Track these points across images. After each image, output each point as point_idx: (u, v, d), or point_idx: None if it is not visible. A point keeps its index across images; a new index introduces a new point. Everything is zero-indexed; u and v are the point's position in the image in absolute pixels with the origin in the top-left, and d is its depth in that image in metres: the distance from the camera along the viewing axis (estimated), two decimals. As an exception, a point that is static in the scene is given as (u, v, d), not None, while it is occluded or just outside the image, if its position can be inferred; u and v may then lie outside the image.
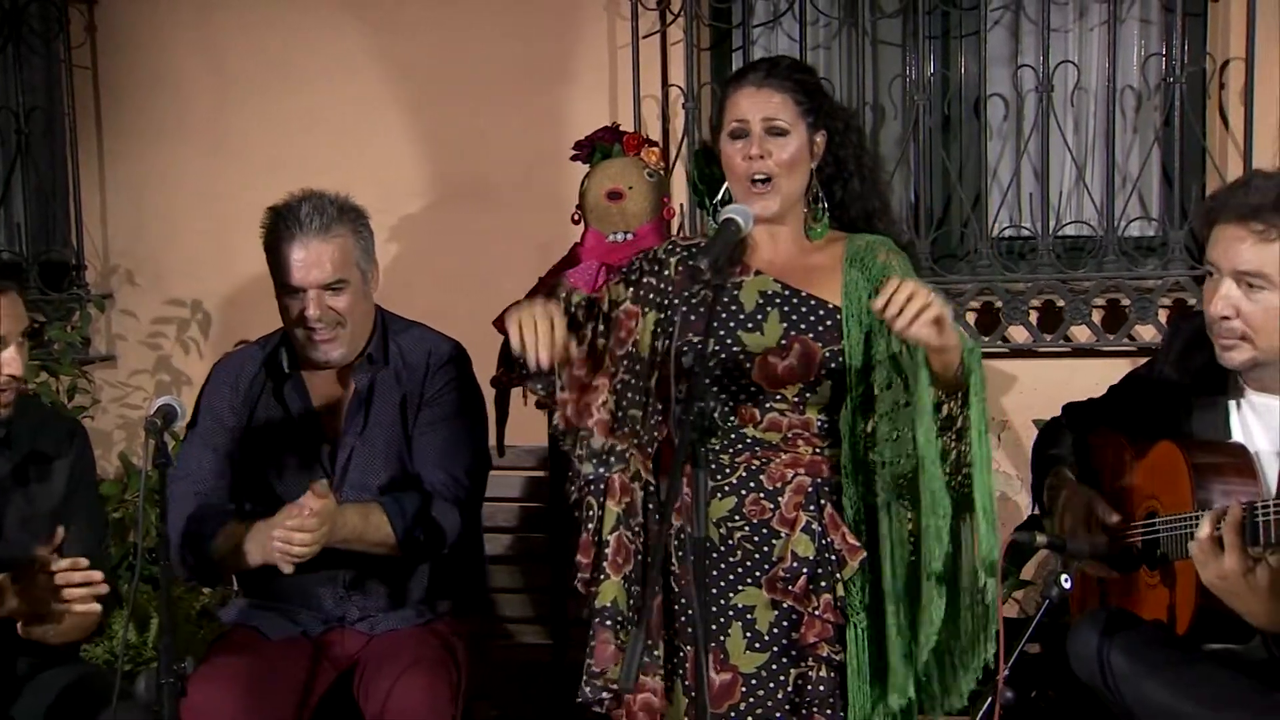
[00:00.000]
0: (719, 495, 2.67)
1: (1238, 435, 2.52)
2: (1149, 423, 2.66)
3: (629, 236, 3.53)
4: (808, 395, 2.64)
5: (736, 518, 2.66)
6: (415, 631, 2.92)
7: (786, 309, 2.66)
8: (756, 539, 2.66)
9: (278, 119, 4.53)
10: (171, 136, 4.65)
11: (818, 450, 2.67)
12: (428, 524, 2.87)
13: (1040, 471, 2.82)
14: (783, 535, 2.65)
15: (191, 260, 4.66)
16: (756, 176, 2.64)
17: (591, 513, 2.73)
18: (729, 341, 2.67)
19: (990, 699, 2.40)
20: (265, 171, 4.30)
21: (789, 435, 2.66)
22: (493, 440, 3.40)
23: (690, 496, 2.27)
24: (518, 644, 3.80)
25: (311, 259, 2.87)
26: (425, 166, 4.46)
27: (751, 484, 2.66)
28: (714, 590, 2.68)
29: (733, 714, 2.65)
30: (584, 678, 2.70)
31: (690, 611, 2.66)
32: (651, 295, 2.75)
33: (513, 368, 3.58)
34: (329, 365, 2.96)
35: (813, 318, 2.66)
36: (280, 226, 2.90)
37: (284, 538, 2.69)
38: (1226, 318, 2.42)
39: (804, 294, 2.67)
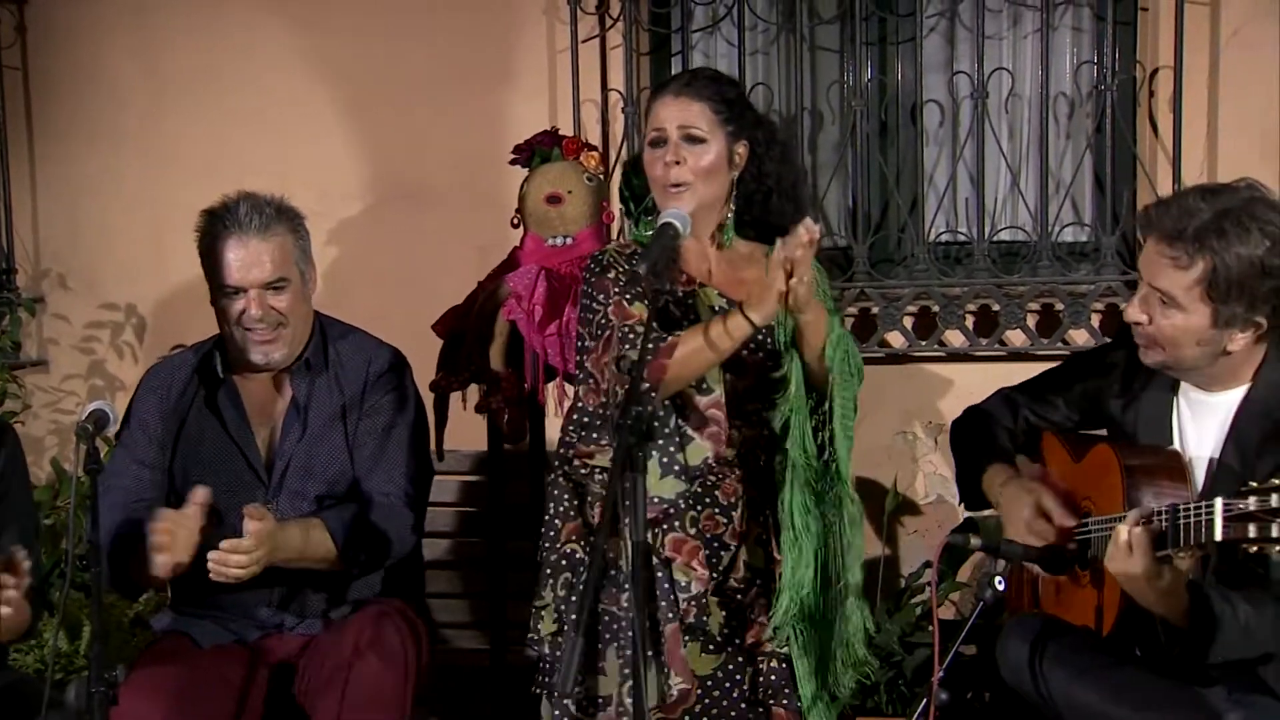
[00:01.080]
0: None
1: (1178, 430, 2.56)
2: (1094, 409, 2.69)
3: (568, 241, 3.53)
4: (766, 412, 2.70)
5: (692, 531, 2.70)
6: (359, 622, 2.83)
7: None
8: (706, 552, 2.71)
9: (213, 121, 4.48)
10: (105, 138, 4.59)
11: (765, 461, 2.74)
12: (371, 537, 2.84)
13: (978, 456, 2.82)
14: (732, 548, 2.71)
15: (125, 264, 4.60)
16: (672, 183, 2.68)
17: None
18: None
19: (925, 700, 2.42)
20: (200, 174, 4.26)
21: (742, 451, 2.72)
22: (432, 445, 3.39)
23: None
24: (456, 649, 3.78)
25: (251, 258, 2.84)
26: (363, 169, 4.43)
27: (706, 499, 2.71)
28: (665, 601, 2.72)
29: (687, 717, 2.70)
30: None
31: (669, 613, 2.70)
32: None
33: (454, 371, 3.59)
34: (269, 367, 2.92)
35: (758, 335, 2.69)
36: (218, 227, 2.86)
37: (219, 559, 2.63)
38: (1139, 323, 2.49)
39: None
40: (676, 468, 2.67)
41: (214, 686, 2.76)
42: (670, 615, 2.67)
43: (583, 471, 2.78)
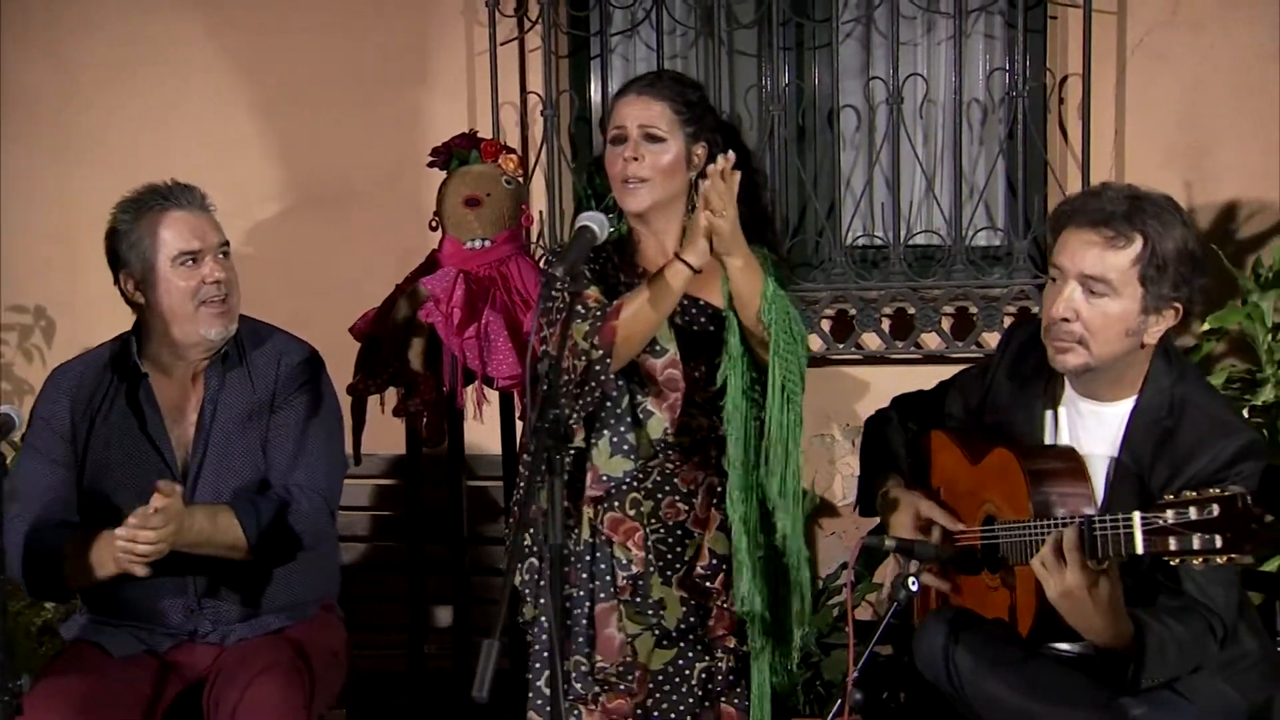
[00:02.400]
0: None
1: (1064, 441, 2.57)
2: (978, 423, 2.72)
3: (487, 244, 3.52)
4: (718, 402, 2.75)
5: (652, 520, 2.75)
6: (269, 639, 2.86)
7: (687, 318, 2.76)
8: (670, 540, 2.76)
9: (127, 121, 4.41)
10: (15, 138, 4.49)
11: (722, 450, 2.77)
12: (281, 528, 2.81)
13: (871, 465, 2.85)
14: (696, 535, 2.77)
15: (35, 265, 4.51)
16: (629, 179, 2.72)
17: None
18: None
19: (840, 700, 2.43)
20: (113, 175, 4.11)
21: (699, 438, 2.77)
22: (349, 448, 3.36)
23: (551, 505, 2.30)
24: (374, 653, 3.75)
25: (200, 224, 2.86)
26: (280, 170, 4.38)
27: (666, 487, 2.76)
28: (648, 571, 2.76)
29: (639, 711, 2.74)
30: None
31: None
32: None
33: (371, 374, 3.56)
34: (224, 338, 2.89)
35: (703, 318, 2.76)
36: (154, 204, 2.84)
37: (128, 536, 2.61)
38: (1066, 320, 2.46)
39: (701, 302, 2.78)
40: (626, 447, 2.72)
41: (122, 698, 2.71)
42: (603, 595, 2.72)
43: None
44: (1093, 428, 2.54)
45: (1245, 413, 3.44)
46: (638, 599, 2.74)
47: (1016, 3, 4.01)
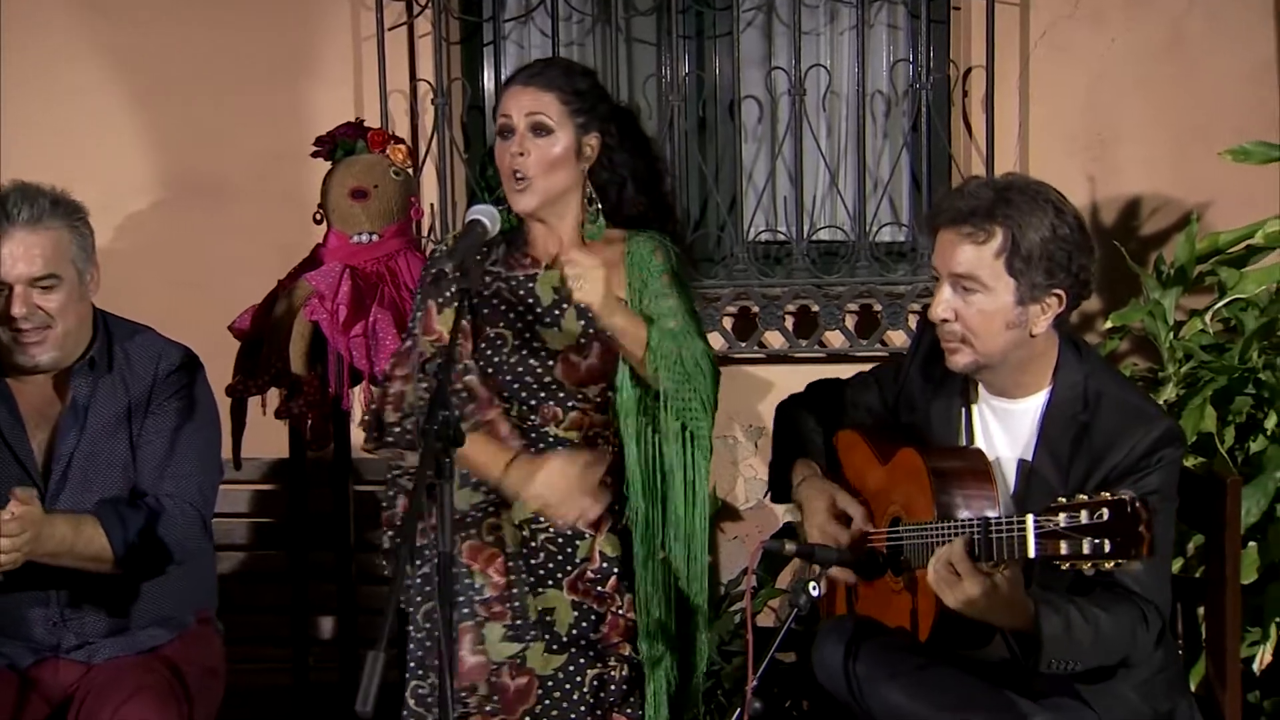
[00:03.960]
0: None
1: (979, 440, 2.62)
2: (892, 420, 2.77)
3: (374, 238, 3.50)
4: (610, 394, 2.74)
5: (540, 520, 2.74)
6: (140, 659, 2.81)
7: (582, 307, 2.72)
8: (560, 540, 2.75)
9: (-10, 110, 4.32)
10: None
11: (617, 449, 2.77)
12: (149, 539, 2.76)
13: (785, 451, 2.88)
14: (587, 536, 2.75)
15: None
16: (517, 174, 2.71)
17: None
18: (528, 336, 2.75)
19: (739, 709, 2.46)
20: (-26, 166, 4.09)
21: (590, 434, 2.77)
22: (228, 452, 3.32)
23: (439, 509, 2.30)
24: (255, 667, 3.71)
25: (18, 252, 2.74)
26: (154, 162, 4.30)
27: None
28: (514, 592, 2.75)
29: (528, 718, 2.72)
30: None
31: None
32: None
33: (252, 375, 3.52)
34: (38, 370, 2.82)
35: (589, 316, 2.72)
36: None
37: None
38: (947, 320, 2.52)
39: None
40: (473, 480, 2.73)
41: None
42: (458, 616, 2.70)
43: (394, 473, 2.81)
44: (1007, 426, 2.59)
45: (1148, 411, 3.53)
46: (518, 622, 2.72)
47: (920, -8, 4.07)
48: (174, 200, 4.31)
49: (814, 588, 2.52)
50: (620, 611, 2.74)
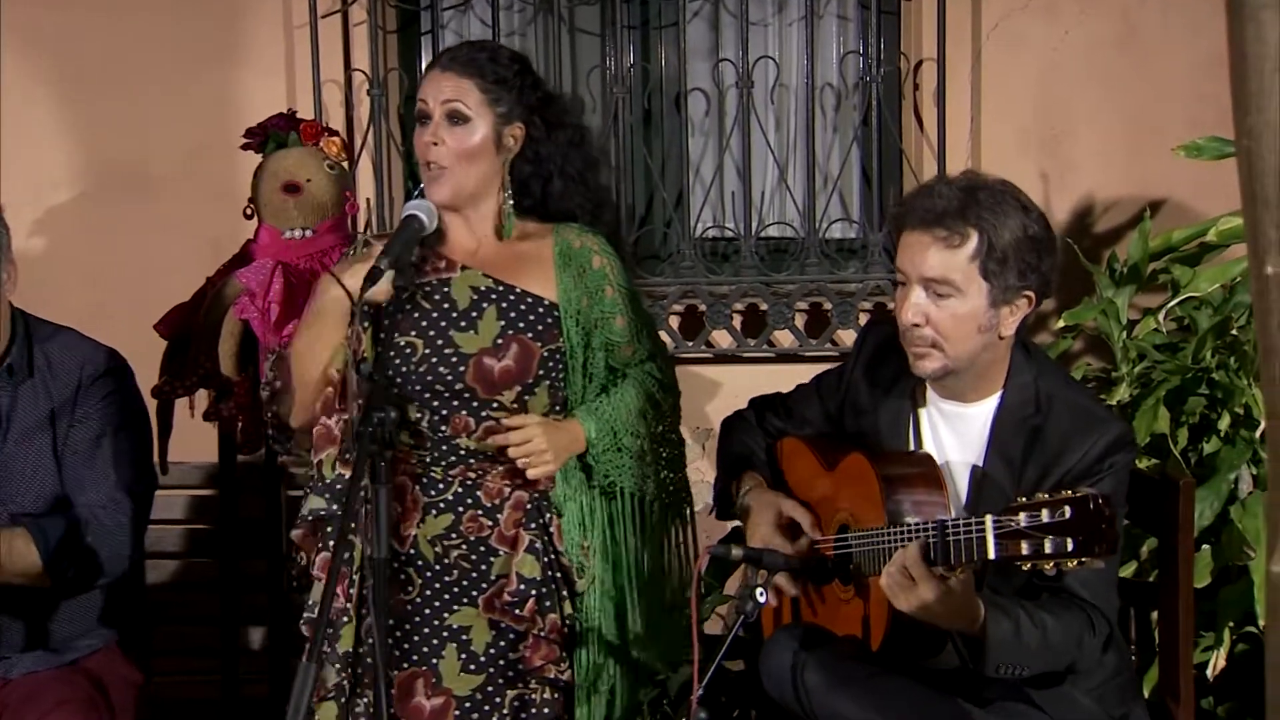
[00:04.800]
0: (434, 513, 2.71)
1: (928, 444, 2.63)
2: (837, 429, 2.78)
3: (307, 233, 3.47)
4: (526, 399, 2.69)
5: (453, 535, 2.70)
6: (61, 672, 2.78)
7: (504, 305, 2.70)
8: (474, 557, 2.70)
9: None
10: None
11: None
12: (81, 552, 2.74)
13: (727, 468, 2.89)
14: (502, 553, 2.70)
15: None
16: (431, 163, 2.68)
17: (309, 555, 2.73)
18: (440, 343, 2.68)
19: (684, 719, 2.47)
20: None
21: (505, 446, 2.69)
22: (155, 457, 3.29)
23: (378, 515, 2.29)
24: (183, 680, 3.68)
25: None
26: (76, 154, 4.26)
27: (468, 499, 2.70)
28: (427, 611, 2.72)
29: None
30: None
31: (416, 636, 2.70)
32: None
33: (179, 376, 3.49)
34: None
35: (531, 316, 2.70)
36: None
37: None
38: (917, 325, 2.51)
39: (518, 289, 2.71)
40: (321, 484, 2.69)
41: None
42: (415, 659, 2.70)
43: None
44: (957, 430, 2.61)
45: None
46: (465, 636, 2.70)
47: (869, -18, 4.10)
48: (96, 194, 4.27)
49: (761, 594, 2.53)
50: (542, 634, 2.68)
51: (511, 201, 2.74)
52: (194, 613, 3.82)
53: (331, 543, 2.71)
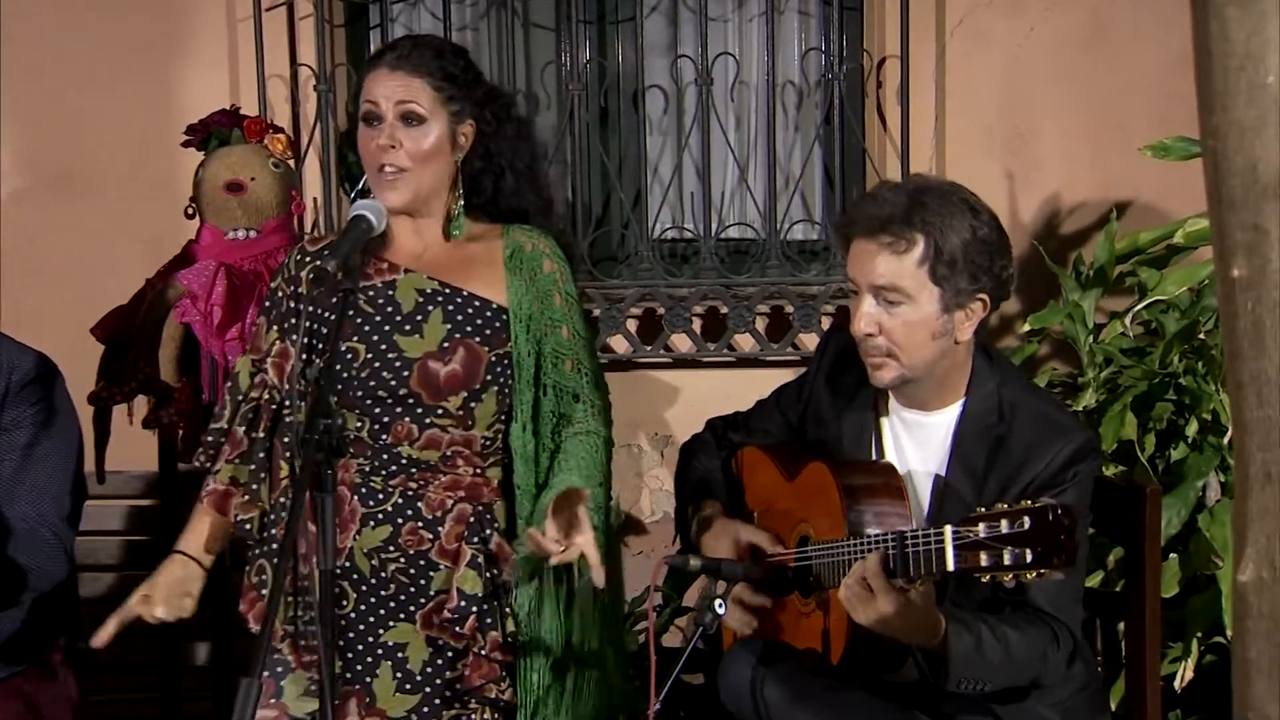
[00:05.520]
0: (371, 524, 2.67)
1: (890, 454, 2.64)
2: (799, 440, 2.79)
3: (251, 234, 3.47)
4: (472, 406, 2.66)
5: (391, 548, 2.66)
6: None
7: (450, 309, 2.68)
8: (413, 571, 2.67)
9: None
10: None
11: (479, 471, 2.70)
12: (9, 566, 2.71)
13: (685, 497, 2.88)
14: (442, 568, 2.67)
15: None
16: (387, 167, 2.65)
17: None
18: (384, 348, 2.66)
19: (640, 735, 2.47)
20: None
21: (448, 454, 2.67)
22: (91, 465, 3.26)
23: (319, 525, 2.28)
24: (121, 698, 3.66)
25: None
26: (10, 150, 4.23)
27: (409, 511, 2.67)
28: (362, 627, 2.68)
29: None
30: None
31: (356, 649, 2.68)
32: (294, 322, 2.72)
33: (117, 381, 3.47)
34: None
35: (479, 319, 2.68)
36: None
37: None
38: (871, 335, 2.52)
39: (465, 292, 2.69)
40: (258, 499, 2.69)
41: None
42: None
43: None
44: (919, 439, 2.62)
45: (1066, 419, 3.59)
46: (401, 654, 2.68)
47: (832, -22, 4.13)
48: (32, 191, 4.24)
49: (719, 605, 2.53)
50: (484, 652, 2.66)
51: (463, 201, 2.74)
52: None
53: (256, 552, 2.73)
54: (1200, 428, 3.46)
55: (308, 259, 2.75)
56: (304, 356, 2.67)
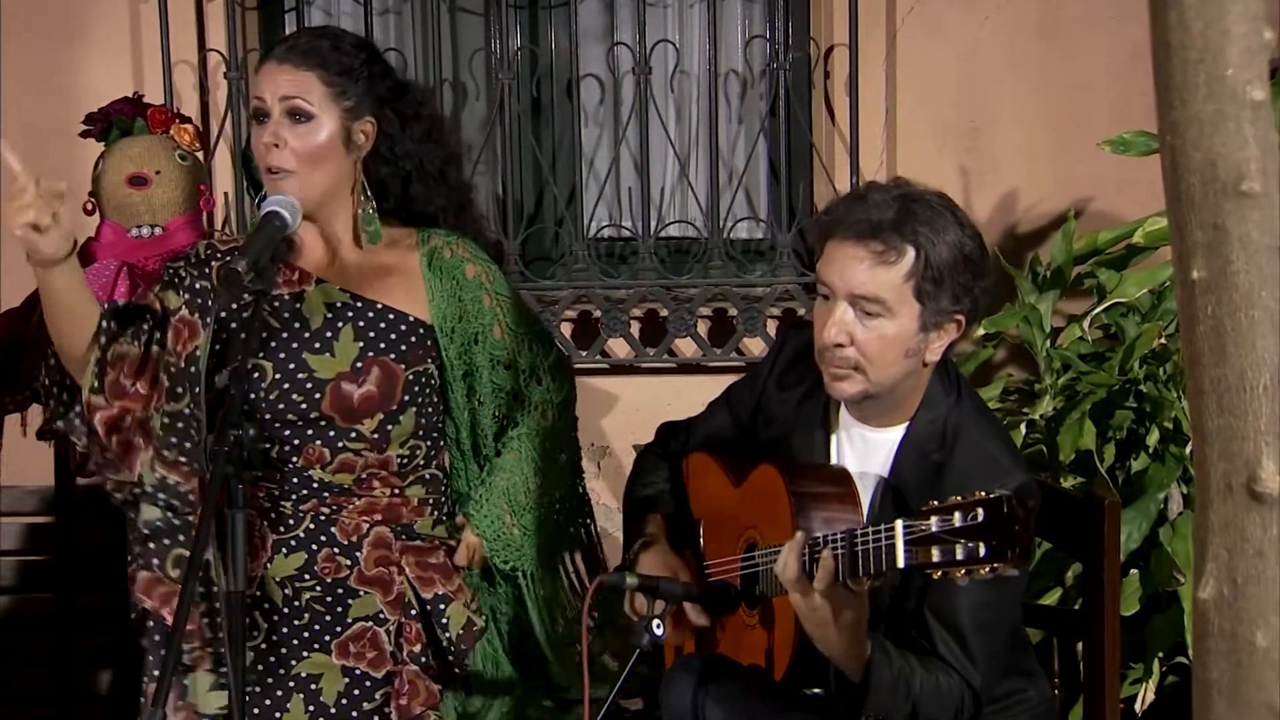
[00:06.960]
0: (284, 551, 2.67)
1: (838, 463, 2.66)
2: (749, 437, 2.80)
3: (156, 231, 3.45)
4: (389, 428, 2.66)
5: (306, 576, 2.66)
6: None
7: (362, 324, 2.66)
8: (330, 599, 2.67)
9: None
10: None
11: (396, 491, 2.70)
12: None
13: (632, 513, 2.88)
14: (362, 594, 2.67)
15: None
16: (271, 168, 2.63)
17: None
18: (292, 367, 2.64)
19: (574, 763, 2.47)
20: None
21: (363, 477, 2.68)
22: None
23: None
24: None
25: None
26: (-109, 140, 4.17)
27: (322, 537, 2.67)
28: (272, 659, 2.67)
29: None
30: None
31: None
32: (206, 303, 2.69)
33: (9, 389, 3.43)
34: None
35: (393, 335, 2.67)
36: None
37: None
38: (840, 345, 2.49)
39: (379, 305, 2.69)
40: (161, 497, 2.67)
41: None
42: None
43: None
44: (863, 455, 2.62)
45: (1022, 428, 3.60)
46: (314, 686, 2.68)
47: (775, -39, 4.13)
48: (-83, 185, 4.18)
49: (657, 626, 2.52)
50: (421, 678, 2.70)
51: (373, 205, 2.72)
52: (27, 654, 3.77)
53: (158, 560, 2.70)
54: (1162, 437, 3.48)
55: (218, 254, 2.73)
56: (214, 348, 2.65)
